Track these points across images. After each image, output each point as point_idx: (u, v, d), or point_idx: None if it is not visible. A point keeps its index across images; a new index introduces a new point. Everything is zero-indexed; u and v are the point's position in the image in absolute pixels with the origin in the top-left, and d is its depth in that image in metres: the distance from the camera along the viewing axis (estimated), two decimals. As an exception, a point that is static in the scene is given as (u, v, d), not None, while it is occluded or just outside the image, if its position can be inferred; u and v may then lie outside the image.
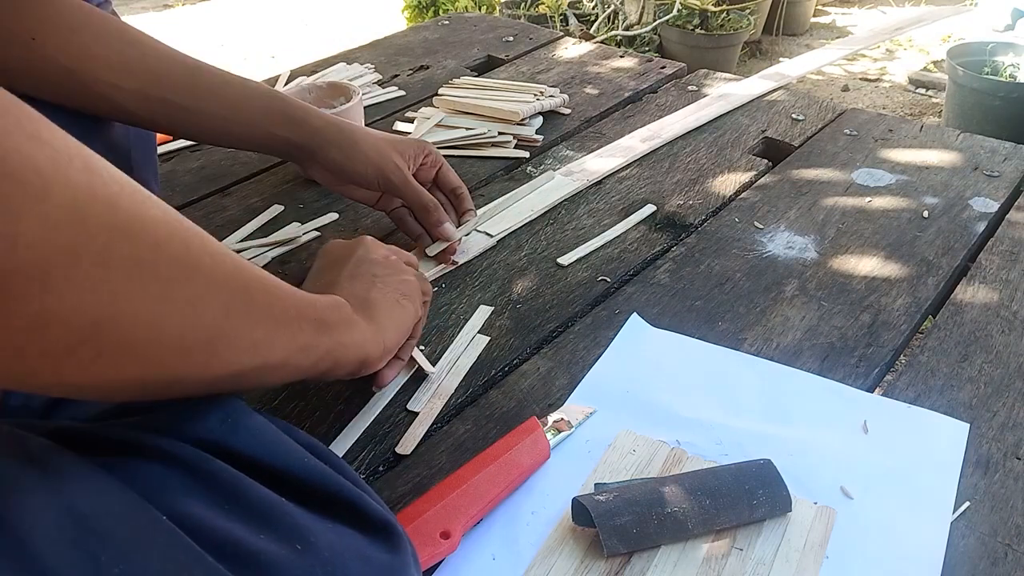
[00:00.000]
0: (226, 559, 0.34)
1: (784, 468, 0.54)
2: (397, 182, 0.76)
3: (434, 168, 0.82)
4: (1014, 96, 2.37)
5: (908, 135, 1.04)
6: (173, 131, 0.73)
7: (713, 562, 0.51)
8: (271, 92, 0.74)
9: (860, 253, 0.82)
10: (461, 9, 2.98)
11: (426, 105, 1.13)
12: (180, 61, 0.69)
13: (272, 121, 0.73)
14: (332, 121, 0.76)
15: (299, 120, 0.74)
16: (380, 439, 0.61)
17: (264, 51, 3.38)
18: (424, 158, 0.80)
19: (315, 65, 1.27)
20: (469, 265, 0.81)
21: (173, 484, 0.36)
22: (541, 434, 0.58)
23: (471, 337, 0.71)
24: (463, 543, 0.52)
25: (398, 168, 0.76)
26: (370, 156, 0.75)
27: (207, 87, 0.70)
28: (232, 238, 0.86)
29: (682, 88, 1.19)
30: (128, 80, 0.65)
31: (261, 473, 0.39)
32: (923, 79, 3.03)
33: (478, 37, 1.39)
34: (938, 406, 0.64)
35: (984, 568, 0.52)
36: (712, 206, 0.90)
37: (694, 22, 2.97)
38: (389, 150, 0.77)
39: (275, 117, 0.73)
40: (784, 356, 0.69)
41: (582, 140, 1.05)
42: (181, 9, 3.98)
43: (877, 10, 3.74)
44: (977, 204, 0.90)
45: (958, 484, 0.57)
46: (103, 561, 0.31)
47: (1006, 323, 0.72)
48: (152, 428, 0.39)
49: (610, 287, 0.78)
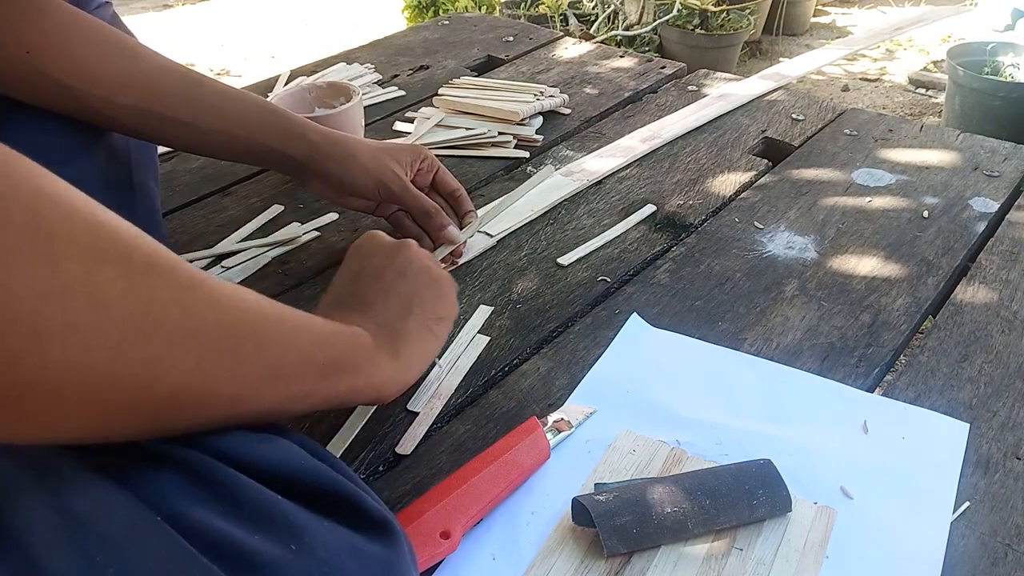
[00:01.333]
0: (221, 560, 0.34)
1: (784, 468, 0.54)
2: (397, 191, 0.76)
3: (431, 172, 0.81)
4: (1014, 96, 2.37)
5: (908, 135, 1.04)
6: (170, 144, 0.73)
7: (713, 562, 0.51)
8: (268, 106, 0.74)
9: (860, 253, 0.82)
10: (461, 9, 2.98)
11: (426, 105, 1.13)
12: (178, 74, 0.68)
13: (270, 135, 0.73)
14: (329, 134, 0.75)
15: (297, 135, 0.74)
16: (380, 439, 0.61)
17: (264, 51, 3.38)
18: (420, 163, 0.80)
19: (315, 65, 1.27)
20: (469, 265, 0.81)
21: (168, 485, 0.36)
22: (541, 434, 0.58)
23: (471, 337, 0.71)
24: (463, 543, 0.52)
25: (397, 177, 0.76)
26: (368, 167, 0.75)
27: (205, 101, 0.70)
28: (232, 238, 0.86)
29: (682, 88, 1.19)
30: (125, 95, 0.64)
31: (254, 474, 0.39)
32: (923, 79, 3.03)
33: (478, 37, 1.39)
34: (938, 406, 0.64)
35: (984, 568, 0.52)
36: (712, 206, 0.90)
37: (694, 22, 2.97)
38: (386, 159, 0.76)
39: (273, 131, 0.73)
40: (784, 356, 0.69)
41: (582, 140, 1.05)
42: (181, 9, 3.98)
43: (877, 10, 3.74)
44: (977, 204, 0.90)
45: (958, 484, 0.57)
46: (99, 562, 0.31)
47: (1006, 323, 0.72)
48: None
49: (610, 287, 0.78)
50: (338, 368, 0.46)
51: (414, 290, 0.59)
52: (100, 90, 0.63)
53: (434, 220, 0.78)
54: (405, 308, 0.58)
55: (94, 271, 0.30)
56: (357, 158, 0.75)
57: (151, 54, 0.67)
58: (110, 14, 0.72)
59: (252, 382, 0.39)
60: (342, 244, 0.85)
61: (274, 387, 0.41)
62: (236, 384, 0.38)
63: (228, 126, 0.71)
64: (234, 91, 0.72)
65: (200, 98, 0.69)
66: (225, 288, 0.38)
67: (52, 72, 0.60)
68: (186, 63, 0.71)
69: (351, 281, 0.60)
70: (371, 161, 0.75)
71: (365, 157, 0.75)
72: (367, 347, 0.50)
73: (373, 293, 0.58)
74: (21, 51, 0.58)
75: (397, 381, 0.54)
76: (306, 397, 0.44)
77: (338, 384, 0.47)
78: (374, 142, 0.79)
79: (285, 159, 0.74)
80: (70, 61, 0.61)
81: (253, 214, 0.90)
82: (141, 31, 0.81)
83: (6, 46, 0.58)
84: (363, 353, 0.50)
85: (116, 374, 0.32)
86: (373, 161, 0.76)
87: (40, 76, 0.60)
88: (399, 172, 0.76)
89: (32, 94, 0.61)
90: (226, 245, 0.84)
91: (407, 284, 0.59)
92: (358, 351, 0.49)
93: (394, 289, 0.59)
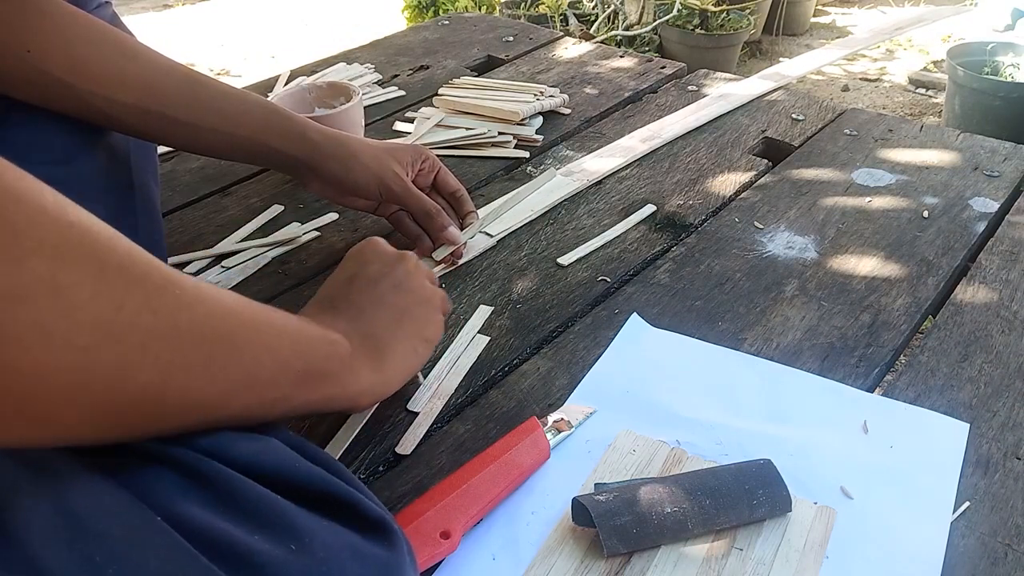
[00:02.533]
0: (221, 560, 0.34)
1: (784, 468, 0.54)
2: (398, 191, 0.76)
3: (432, 172, 0.82)
4: (1014, 96, 2.37)
5: (908, 135, 1.04)
6: (171, 144, 0.72)
7: (713, 562, 0.51)
8: (270, 106, 0.74)
9: (860, 253, 0.82)
10: (461, 9, 2.98)
11: (426, 105, 1.13)
12: (179, 74, 0.68)
13: (271, 136, 0.72)
14: (329, 134, 0.75)
15: (298, 135, 0.73)
16: (380, 439, 0.61)
17: (264, 51, 3.38)
18: (422, 163, 0.80)
19: (315, 65, 1.27)
20: (469, 265, 0.81)
21: (168, 485, 0.36)
22: (541, 434, 0.58)
23: (471, 337, 0.71)
24: (463, 543, 0.52)
25: (398, 177, 0.76)
26: (370, 167, 0.75)
27: (205, 101, 0.69)
28: (232, 238, 0.86)
29: (682, 88, 1.19)
30: (125, 94, 0.64)
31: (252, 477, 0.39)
32: (923, 79, 3.03)
33: (478, 37, 1.39)
34: (938, 406, 0.64)
35: (984, 568, 0.52)
36: (712, 206, 0.90)
37: (694, 22, 2.97)
38: (387, 159, 0.76)
39: (274, 131, 0.72)
40: (784, 356, 0.69)
41: (582, 140, 1.05)
42: (181, 9, 3.98)
43: (877, 10, 3.74)
44: (977, 204, 0.90)
45: (958, 484, 0.57)
46: (98, 562, 0.31)
47: (1006, 323, 0.72)
48: None
49: (610, 287, 0.78)
50: (314, 376, 0.46)
51: (407, 305, 0.59)
52: (100, 88, 0.62)
53: (435, 221, 0.78)
54: (395, 321, 0.57)
55: (61, 271, 0.30)
56: (359, 158, 0.75)
57: (151, 53, 0.67)
58: (110, 14, 0.72)
59: (225, 387, 0.39)
60: (342, 244, 0.85)
61: (248, 393, 0.41)
62: (209, 389, 0.38)
63: (228, 126, 0.70)
64: (235, 91, 0.72)
65: (200, 97, 0.69)
66: (202, 291, 0.38)
67: (53, 71, 0.60)
68: (186, 63, 0.71)
69: (345, 284, 0.60)
70: (372, 161, 0.75)
71: (367, 157, 0.75)
72: (345, 357, 0.50)
73: (365, 300, 0.58)
74: (22, 50, 0.58)
75: (375, 393, 0.54)
76: (280, 403, 0.44)
77: (313, 392, 0.46)
78: (375, 142, 0.79)
79: (286, 159, 0.74)
80: (70, 60, 0.61)
81: (253, 214, 0.90)
82: (141, 31, 0.81)
83: (7, 45, 0.57)
84: (341, 363, 0.49)
85: (85, 376, 0.31)
86: (375, 161, 0.75)
87: (41, 75, 0.59)
88: (400, 172, 0.76)
89: (33, 93, 0.61)
90: (226, 245, 0.84)
91: (401, 298, 0.59)
92: (336, 360, 0.49)
93: (387, 300, 0.58)
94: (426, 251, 0.80)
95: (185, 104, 0.68)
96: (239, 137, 0.71)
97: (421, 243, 0.80)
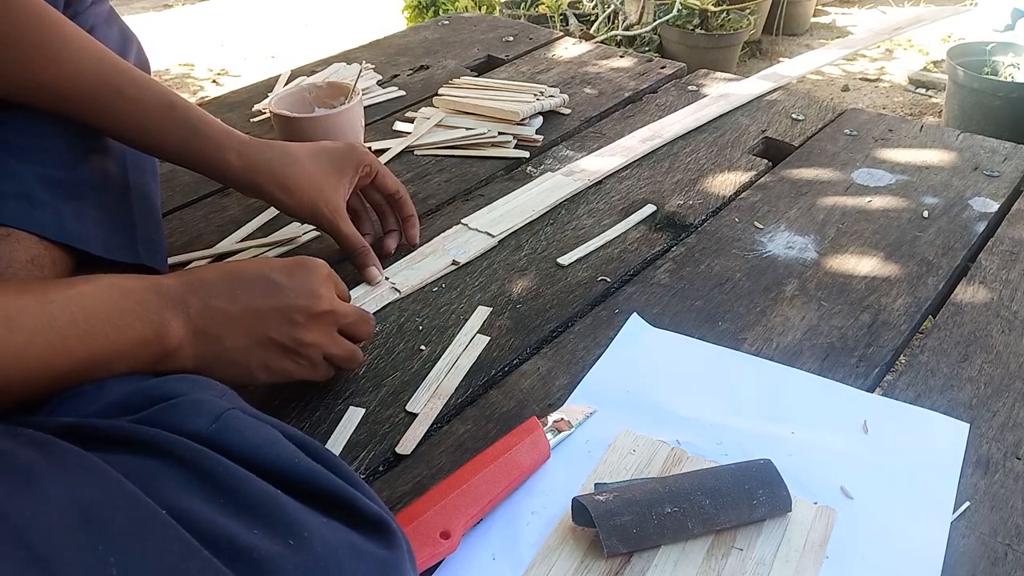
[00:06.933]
0: (220, 553, 0.35)
1: (784, 468, 0.54)
2: (327, 227, 0.75)
3: (371, 176, 0.79)
4: (1014, 96, 2.37)
5: (908, 135, 1.04)
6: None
7: (713, 562, 0.51)
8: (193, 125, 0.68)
9: (860, 253, 0.82)
10: (461, 9, 2.98)
11: (426, 105, 1.13)
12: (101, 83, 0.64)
13: (190, 158, 0.69)
14: (255, 161, 0.71)
15: (216, 162, 0.70)
16: (380, 439, 0.61)
17: (264, 51, 3.38)
18: (363, 169, 0.77)
19: (315, 65, 1.27)
20: (469, 265, 0.81)
21: (170, 478, 0.37)
22: (541, 434, 0.58)
23: (471, 337, 0.71)
24: (463, 543, 0.52)
25: (328, 208, 0.73)
26: (302, 200, 0.72)
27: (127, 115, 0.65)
28: (232, 238, 0.86)
29: (682, 88, 1.19)
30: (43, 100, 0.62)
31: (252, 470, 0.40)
32: (923, 79, 3.03)
33: (478, 37, 1.39)
34: (938, 406, 0.64)
35: (984, 568, 0.52)
36: (712, 206, 0.90)
37: (694, 22, 2.97)
38: (324, 184, 0.73)
39: (192, 155, 0.69)
40: (784, 356, 0.69)
41: (582, 140, 1.05)
42: (181, 9, 3.98)
43: (877, 10, 3.74)
44: (977, 204, 0.90)
45: (958, 484, 0.57)
46: (101, 551, 0.32)
47: (1006, 323, 0.72)
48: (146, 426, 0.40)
49: (610, 287, 0.78)
50: (90, 370, 0.46)
51: (292, 336, 0.56)
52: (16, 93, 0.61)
53: (357, 259, 0.77)
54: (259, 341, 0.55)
55: None
56: (290, 191, 0.72)
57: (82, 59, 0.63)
58: (105, 10, 0.72)
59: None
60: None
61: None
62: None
63: (148, 143, 0.68)
64: (161, 106, 0.67)
65: (115, 111, 0.65)
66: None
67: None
68: (186, 63, 0.70)
69: (243, 285, 0.55)
70: (306, 191, 0.72)
71: (302, 184, 0.72)
72: (172, 353, 0.50)
73: (245, 308, 0.54)
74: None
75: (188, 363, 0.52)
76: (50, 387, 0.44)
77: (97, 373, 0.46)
78: (318, 152, 0.75)
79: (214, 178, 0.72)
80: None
81: (253, 214, 0.90)
82: (141, 31, 0.80)
83: None
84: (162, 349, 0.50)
85: None
86: (308, 191, 0.73)
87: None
88: (336, 197, 0.74)
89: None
90: (226, 245, 0.85)
91: (287, 329, 0.55)
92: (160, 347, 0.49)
93: (273, 319, 0.55)
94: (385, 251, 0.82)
95: (95, 114, 0.65)
96: (165, 153, 0.69)
97: (385, 224, 0.83)
